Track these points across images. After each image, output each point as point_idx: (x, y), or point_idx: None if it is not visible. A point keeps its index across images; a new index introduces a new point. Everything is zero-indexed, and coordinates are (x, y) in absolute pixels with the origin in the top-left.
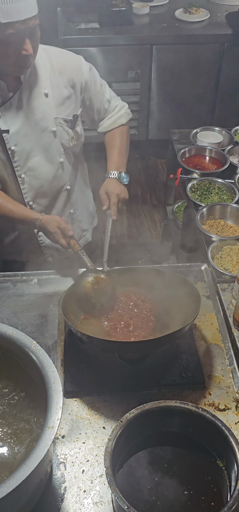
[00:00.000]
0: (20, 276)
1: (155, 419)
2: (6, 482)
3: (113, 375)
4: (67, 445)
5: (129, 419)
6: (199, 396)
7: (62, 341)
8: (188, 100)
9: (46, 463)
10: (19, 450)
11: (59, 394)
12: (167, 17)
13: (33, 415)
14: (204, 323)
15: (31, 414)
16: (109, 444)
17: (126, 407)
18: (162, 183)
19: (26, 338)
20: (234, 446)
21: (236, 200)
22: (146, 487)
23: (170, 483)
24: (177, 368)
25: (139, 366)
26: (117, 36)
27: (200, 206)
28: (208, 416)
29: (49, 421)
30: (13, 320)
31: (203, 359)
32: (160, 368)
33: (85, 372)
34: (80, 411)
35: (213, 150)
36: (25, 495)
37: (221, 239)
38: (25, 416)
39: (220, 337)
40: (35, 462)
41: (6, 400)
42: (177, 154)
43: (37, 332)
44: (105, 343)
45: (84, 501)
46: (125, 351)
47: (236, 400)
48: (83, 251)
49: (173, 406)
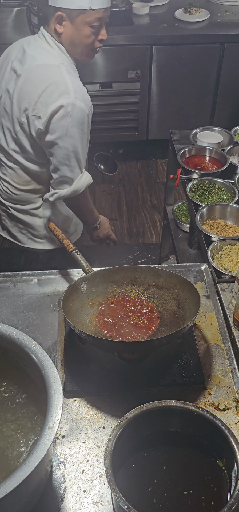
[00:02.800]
0: (20, 276)
1: (155, 419)
2: (6, 482)
3: (113, 375)
4: (67, 445)
5: (129, 419)
6: (199, 396)
7: (62, 341)
8: (188, 100)
9: (46, 463)
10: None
11: (59, 394)
12: (167, 17)
13: (33, 415)
14: (204, 323)
15: (31, 414)
16: (109, 444)
17: (126, 407)
18: (162, 183)
19: (26, 338)
20: (234, 446)
21: (236, 200)
22: (146, 487)
23: (170, 483)
24: (177, 368)
25: (139, 366)
26: (117, 36)
27: (200, 206)
28: (208, 416)
29: (49, 421)
30: (13, 320)
31: (203, 359)
32: (160, 368)
33: (85, 372)
34: (80, 411)
35: (213, 150)
36: (25, 495)
37: (221, 239)
38: (25, 416)
39: (220, 337)
40: (35, 462)
41: (6, 400)
42: (177, 154)
43: (37, 332)
44: (105, 343)
45: (84, 501)
46: (125, 351)
47: (236, 400)
48: (77, 251)
49: (173, 406)
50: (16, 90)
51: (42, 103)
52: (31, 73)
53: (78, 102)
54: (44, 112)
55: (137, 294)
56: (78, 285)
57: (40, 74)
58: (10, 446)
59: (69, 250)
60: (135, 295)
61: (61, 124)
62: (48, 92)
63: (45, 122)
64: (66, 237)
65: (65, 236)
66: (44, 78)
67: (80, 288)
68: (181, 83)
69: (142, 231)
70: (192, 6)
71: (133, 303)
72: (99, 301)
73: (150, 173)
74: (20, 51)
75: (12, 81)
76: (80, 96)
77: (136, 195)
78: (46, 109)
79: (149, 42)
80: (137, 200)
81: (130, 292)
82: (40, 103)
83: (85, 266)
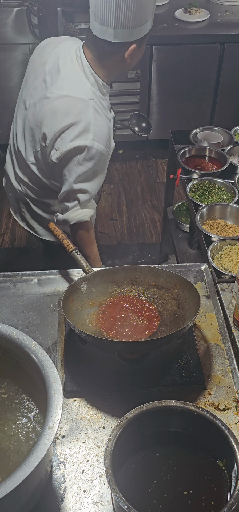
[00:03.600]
0: (20, 276)
1: (155, 419)
2: (6, 482)
3: (113, 375)
4: (67, 445)
5: (129, 419)
6: (199, 396)
7: (62, 341)
8: (188, 100)
9: (46, 463)
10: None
11: (59, 394)
12: (167, 17)
13: (32, 415)
14: (204, 323)
15: (30, 414)
16: (109, 444)
17: (126, 407)
18: (162, 183)
19: (26, 338)
20: (234, 446)
21: (236, 200)
22: (146, 487)
23: (170, 483)
24: (177, 368)
25: (139, 366)
26: None
27: (200, 206)
28: (208, 416)
29: (49, 421)
30: (13, 320)
31: (203, 359)
32: (160, 368)
33: (85, 372)
34: (80, 411)
35: (213, 150)
36: (25, 495)
37: (221, 239)
38: (25, 415)
39: (220, 337)
40: (35, 462)
41: (6, 400)
42: (177, 154)
43: (37, 332)
44: (105, 343)
45: (84, 501)
46: (125, 351)
47: (236, 400)
48: (77, 251)
49: (173, 406)
50: (41, 113)
51: (62, 138)
52: (58, 104)
53: (96, 144)
54: (61, 146)
55: (137, 294)
56: (78, 285)
57: (66, 108)
58: (12, 445)
59: (69, 250)
60: (135, 295)
61: (73, 163)
62: (69, 130)
63: (60, 157)
64: (66, 237)
65: (65, 236)
66: (68, 114)
67: (80, 288)
68: (181, 83)
69: (142, 231)
70: (192, 6)
71: (133, 303)
72: (99, 301)
73: (150, 173)
74: (55, 67)
75: (41, 99)
76: (99, 138)
77: (136, 195)
78: (64, 145)
79: (149, 42)
80: (137, 200)
81: (130, 292)
82: (60, 138)
83: (85, 266)
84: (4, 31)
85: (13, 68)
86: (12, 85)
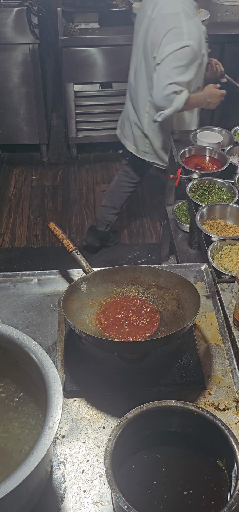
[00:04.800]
0: (20, 276)
1: (155, 419)
2: (6, 482)
3: (113, 375)
4: (67, 445)
5: (129, 419)
6: (199, 396)
7: (62, 341)
8: None
9: (46, 463)
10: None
11: (59, 394)
12: None
13: (32, 415)
14: (204, 323)
15: (30, 414)
16: (109, 444)
17: (126, 407)
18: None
19: (26, 338)
20: (234, 446)
21: (236, 200)
22: (146, 487)
23: (170, 483)
24: (177, 368)
25: (139, 366)
26: (117, 36)
27: (200, 206)
28: (208, 416)
29: (49, 421)
30: (13, 320)
31: (203, 359)
32: (160, 368)
33: (85, 372)
34: (80, 411)
35: (213, 150)
36: (25, 495)
37: (221, 239)
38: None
39: (220, 337)
40: (35, 462)
41: (6, 400)
42: (177, 154)
43: (37, 332)
44: (105, 343)
45: (84, 501)
46: (125, 351)
47: (236, 400)
48: (77, 251)
49: (173, 406)
50: (148, 35)
51: (161, 45)
52: (158, 22)
53: (191, 43)
54: (160, 53)
55: (137, 294)
56: (78, 285)
57: (162, 23)
58: (15, 446)
59: (69, 250)
60: (135, 295)
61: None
62: (165, 39)
63: (159, 61)
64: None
65: (65, 236)
66: (164, 26)
67: (80, 288)
68: None
69: (142, 231)
70: None
71: (133, 303)
72: (99, 301)
73: (150, 173)
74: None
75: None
76: (193, 37)
77: (136, 195)
78: (163, 51)
79: None
80: (137, 200)
81: (130, 292)
82: (160, 48)
83: (85, 266)
84: (4, 31)
85: (13, 68)
86: (12, 85)
